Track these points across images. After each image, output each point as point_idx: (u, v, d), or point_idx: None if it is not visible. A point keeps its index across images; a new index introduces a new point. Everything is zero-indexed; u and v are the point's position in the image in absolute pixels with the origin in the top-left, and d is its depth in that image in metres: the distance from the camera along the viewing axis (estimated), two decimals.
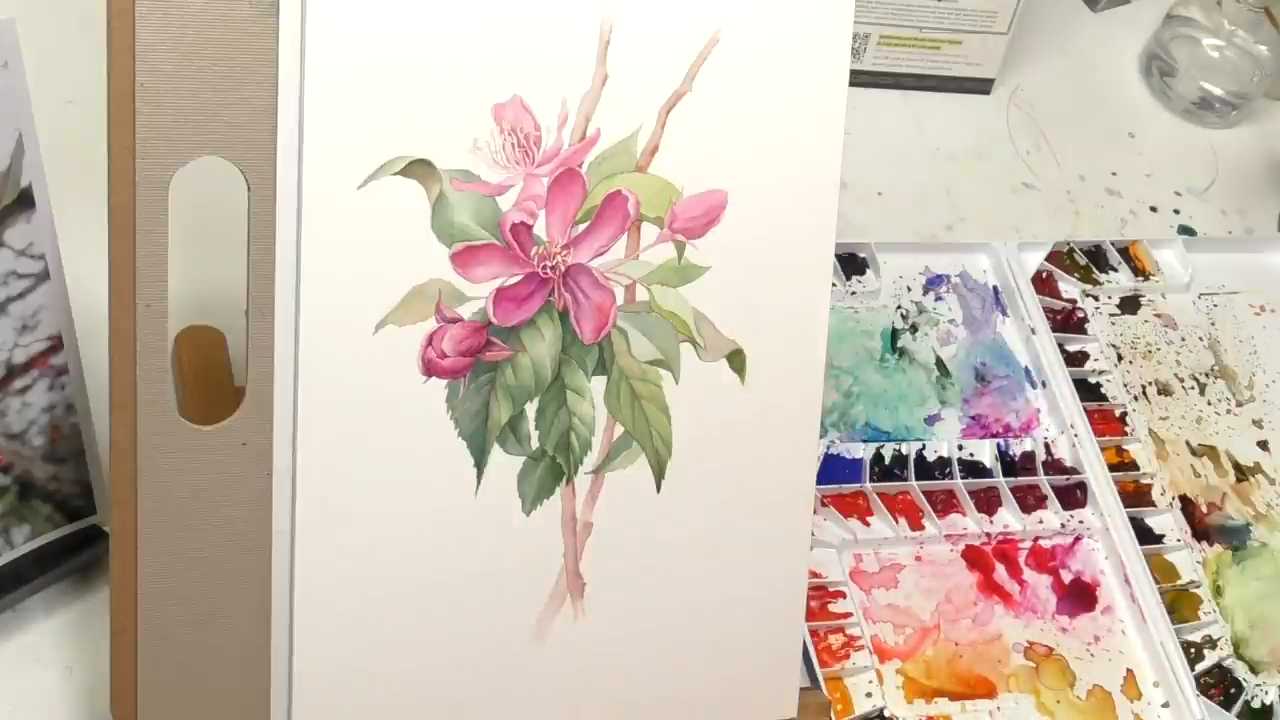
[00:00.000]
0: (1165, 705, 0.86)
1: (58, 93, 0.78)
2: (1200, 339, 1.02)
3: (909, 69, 1.12)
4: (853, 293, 0.97)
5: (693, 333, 0.69)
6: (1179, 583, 0.90)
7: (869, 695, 0.82)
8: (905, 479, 0.90)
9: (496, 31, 0.64)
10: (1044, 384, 0.96)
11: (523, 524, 0.69)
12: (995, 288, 1.01)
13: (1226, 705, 0.86)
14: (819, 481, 0.76)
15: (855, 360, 0.95)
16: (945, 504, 0.90)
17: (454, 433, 0.67)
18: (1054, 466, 0.93)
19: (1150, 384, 0.99)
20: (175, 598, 0.67)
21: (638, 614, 0.71)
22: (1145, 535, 0.91)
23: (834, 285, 0.94)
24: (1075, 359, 0.98)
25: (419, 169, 0.64)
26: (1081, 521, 0.91)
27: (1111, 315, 1.02)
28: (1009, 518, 0.91)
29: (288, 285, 0.64)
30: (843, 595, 0.85)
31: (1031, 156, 1.13)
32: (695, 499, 0.71)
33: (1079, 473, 0.93)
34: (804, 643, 0.77)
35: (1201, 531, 0.93)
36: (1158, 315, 1.03)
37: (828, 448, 0.90)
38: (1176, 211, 1.12)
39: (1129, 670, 0.87)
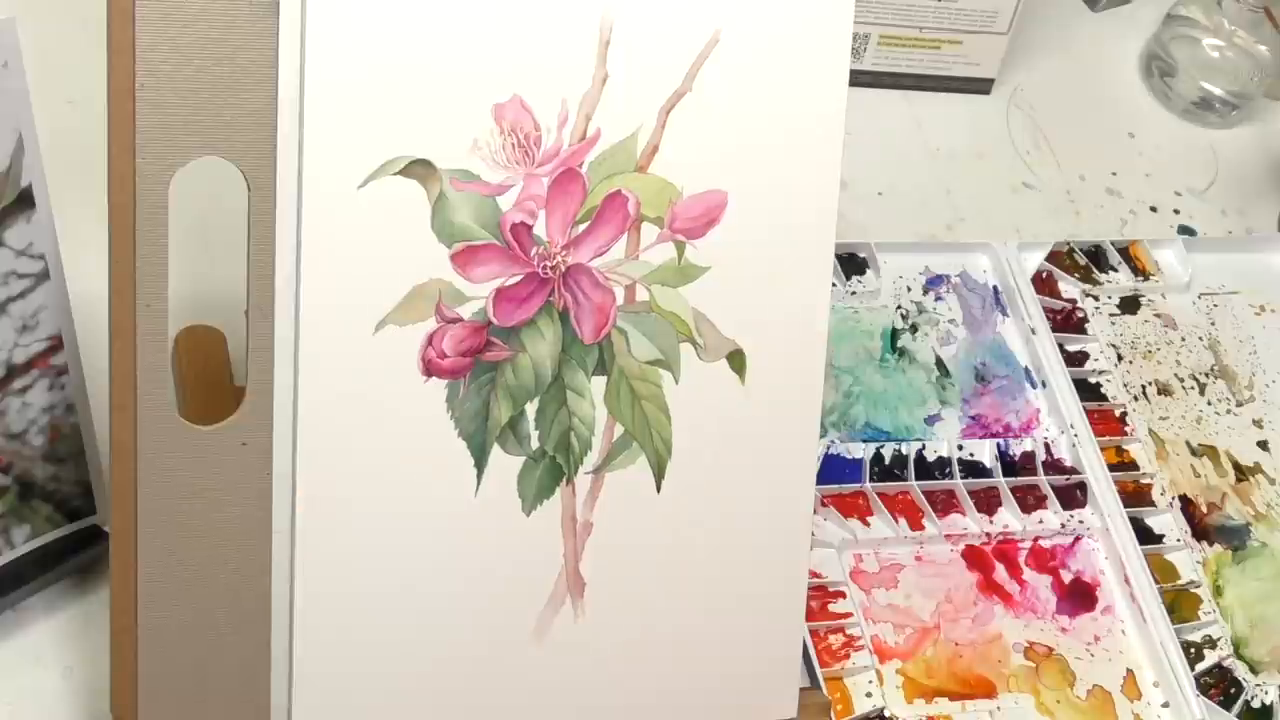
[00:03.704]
0: (1165, 705, 0.86)
1: (58, 93, 0.78)
2: (1200, 339, 1.02)
3: (909, 69, 1.12)
4: (853, 293, 0.97)
5: (693, 333, 0.69)
6: (1179, 583, 0.90)
7: (869, 695, 0.82)
8: (905, 479, 0.90)
9: (496, 31, 0.64)
10: (1044, 384, 0.96)
11: (523, 524, 0.69)
12: (995, 288, 1.01)
13: (1226, 705, 0.86)
14: (819, 481, 0.76)
15: (855, 360, 0.95)
16: (945, 504, 0.90)
17: (454, 433, 0.67)
18: (1054, 466, 0.93)
19: (1150, 384, 0.99)
20: (175, 598, 0.67)
21: (638, 614, 0.71)
22: (1145, 535, 0.91)
23: (834, 285, 0.94)
24: (1075, 359, 0.98)
25: (419, 169, 0.64)
26: (1081, 521, 0.91)
27: (1111, 315, 1.02)
28: (1009, 518, 0.91)
29: (288, 285, 0.64)
30: (843, 595, 0.85)
31: (1031, 156, 1.13)
32: (695, 499, 0.71)
33: (1079, 473, 0.93)
34: (804, 643, 0.77)
35: (1201, 531, 0.93)
36: (1158, 315, 1.03)
37: (828, 448, 0.90)
38: (1176, 211, 1.12)
39: (1129, 670, 0.87)
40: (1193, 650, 0.87)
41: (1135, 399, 0.98)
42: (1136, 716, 0.85)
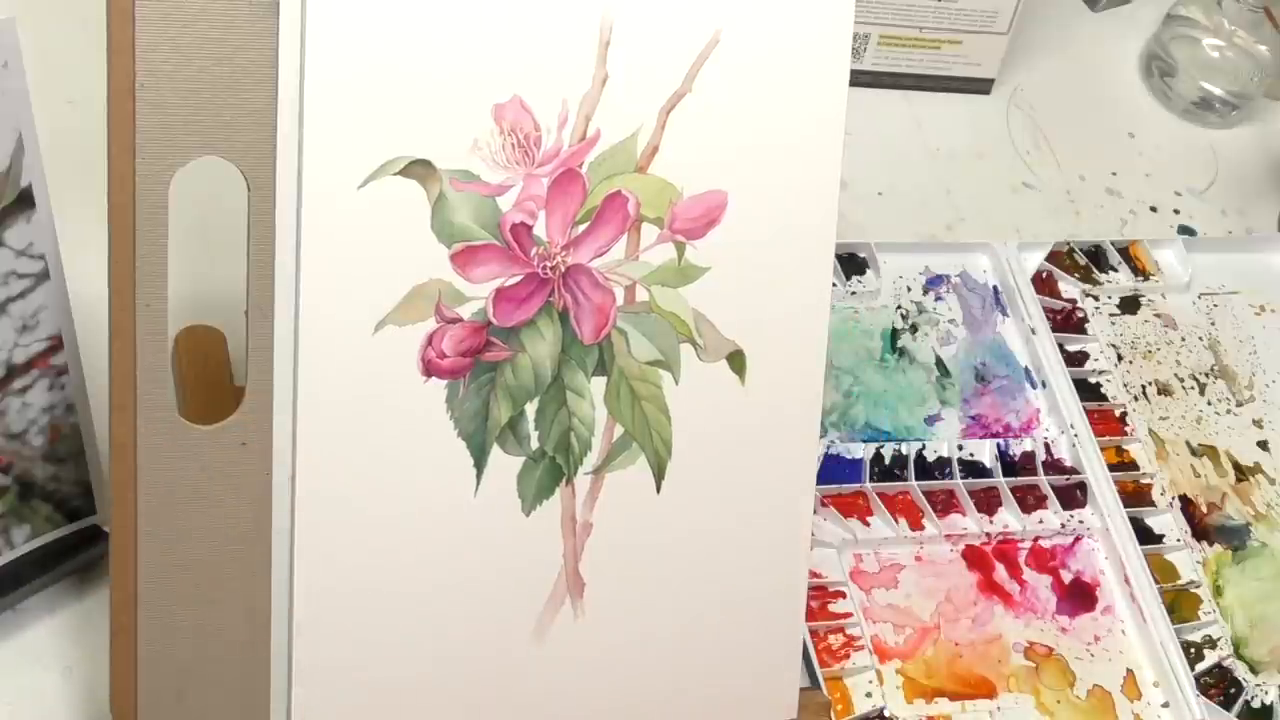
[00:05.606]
0: (1165, 705, 0.86)
1: (58, 93, 0.78)
2: (1200, 339, 1.02)
3: (909, 69, 1.12)
4: (853, 293, 0.97)
5: (693, 333, 0.69)
6: (1179, 583, 0.90)
7: (869, 695, 0.82)
8: (905, 479, 0.90)
9: (496, 32, 0.64)
10: (1044, 384, 0.96)
11: (522, 524, 0.69)
12: (995, 288, 1.01)
13: (1226, 705, 0.86)
14: (819, 481, 0.76)
15: (855, 360, 0.95)
16: (945, 504, 0.90)
17: (454, 433, 0.67)
18: (1054, 466, 0.93)
19: (1150, 384, 0.99)
20: (175, 598, 0.67)
21: (637, 614, 0.71)
22: (1145, 535, 0.91)
23: (834, 285, 0.94)
24: (1075, 359, 0.98)
25: (419, 169, 0.64)
26: (1081, 521, 0.91)
27: (1111, 315, 1.02)
28: (1009, 518, 0.91)
29: (288, 285, 0.64)
30: (843, 595, 0.85)
31: (1031, 156, 1.13)
32: (695, 499, 0.71)
33: (1079, 473, 0.93)
34: (804, 643, 0.77)
35: (1201, 531, 0.93)
36: (1158, 315, 1.03)
37: (828, 448, 0.90)
38: (1176, 211, 1.12)
39: (1129, 670, 0.87)
40: (1193, 650, 0.87)
41: (1135, 399, 0.98)
42: (1136, 716, 0.85)
